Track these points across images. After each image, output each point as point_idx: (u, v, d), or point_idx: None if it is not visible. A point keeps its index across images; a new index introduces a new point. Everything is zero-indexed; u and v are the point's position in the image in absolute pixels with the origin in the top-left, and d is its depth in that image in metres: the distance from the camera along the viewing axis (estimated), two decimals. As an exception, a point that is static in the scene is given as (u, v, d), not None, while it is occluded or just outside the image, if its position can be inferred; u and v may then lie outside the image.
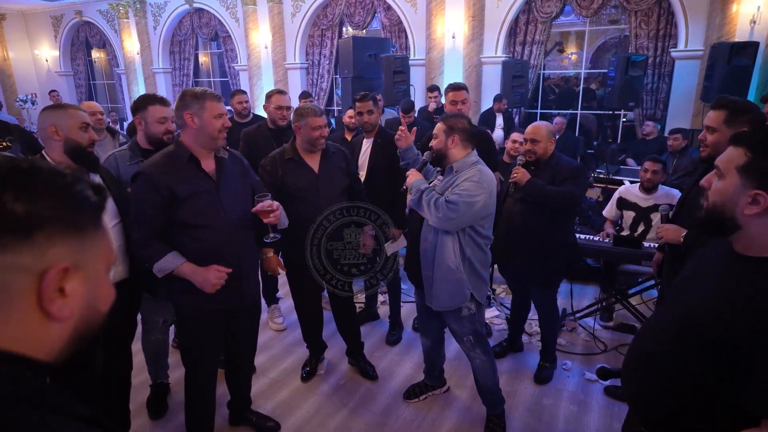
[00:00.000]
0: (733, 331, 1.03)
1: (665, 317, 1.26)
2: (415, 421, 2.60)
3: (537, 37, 7.29)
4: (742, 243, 1.10)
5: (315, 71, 9.25)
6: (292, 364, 3.13)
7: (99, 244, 0.59)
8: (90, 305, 0.58)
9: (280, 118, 3.36)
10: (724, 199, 1.08)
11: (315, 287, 2.88)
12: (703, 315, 1.11)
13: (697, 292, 1.17)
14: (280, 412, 2.66)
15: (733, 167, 1.06)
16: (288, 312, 3.66)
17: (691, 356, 1.12)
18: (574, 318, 3.53)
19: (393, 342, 3.34)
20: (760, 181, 1.02)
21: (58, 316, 0.54)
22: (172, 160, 1.96)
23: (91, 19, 11.73)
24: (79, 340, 0.58)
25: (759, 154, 1.03)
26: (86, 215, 0.57)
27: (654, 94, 6.74)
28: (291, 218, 2.52)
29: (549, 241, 2.66)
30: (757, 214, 1.03)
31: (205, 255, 1.97)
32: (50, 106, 2.04)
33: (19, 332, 0.52)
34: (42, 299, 0.52)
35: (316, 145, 2.55)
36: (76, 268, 0.55)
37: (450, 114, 2.35)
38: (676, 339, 1.17)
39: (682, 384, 1.15)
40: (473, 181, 2.15)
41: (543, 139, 2.66)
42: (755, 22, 5.71)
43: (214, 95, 1.96)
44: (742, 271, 1.08)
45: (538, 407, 2.70)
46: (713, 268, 1.18)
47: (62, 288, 0.53)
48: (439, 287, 2.28)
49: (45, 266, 0.52)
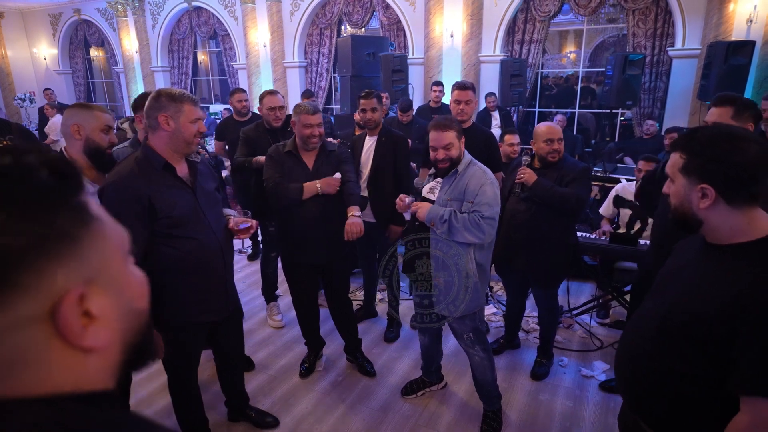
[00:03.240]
0: (714, 318, 1.08)
1: (649, 312, 1.30)
2: (412, 416, 2.62)
3: (535, 35, 7.31)
4: (710, 235, 1.18)
5: (314, 70, 9.26)
6: (290, 360, 3.15)
7: (102, 236, 0.46)
8: (127, 310, 0.48)
9: (274, 119, 3.33)
10: (681, 199, 1.18)
11: (313, 284, 2.91)
12: (685, 306, 1.16)
13: (677, 286, 1.23)
14: (278, 408, 2.68)
15: (677, 170, 1.17)
16: (286, 309, 3.68)
17: (674, 348, 1.18)
18: (570, 315, 3.55)
19: (391, 339, 3.36)
20: (700, 176, 1.12)
21: (98, 346, 0.44)
22: (144, 168, 1.79)
23: (89, 18, 11.72)
24: (133, 348, 0.49)
25: (692, 154, 1.14)
26: (68, 214, 0.43)
27: (652, 93, 6.76)
28: (284, 214, 2.54)
29: (553, 241, 2.67)
30: (711, 205, 1.12)
31: (191, 267, 1.87)
32: (77, 104, 2.08)
33: (66, 380, 0.43)
34: (70, 340, 0.42)
35: (307, 143, 2.56)
36: (92, 283, 0.44)
37: (443, 119, 2.28)
38: (659, 332, 1.22)
39: (668, 375, 1.20)
40: (488, 184, 2.18)
41: (561, 137, 2.69)
42: (752, 21, 5.73)
43: (192, 98, 1.84)
44: (717, 260, 1.15)
45: (535, 403, 2.73)
46: (691, 262, 1.25)
47: (87, 312, 0.43)
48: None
49: (51, 304, 0.41)
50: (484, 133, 3.26)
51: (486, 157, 3.17)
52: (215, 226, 1.97)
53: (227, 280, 2.07)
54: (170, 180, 1.84)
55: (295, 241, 2.67)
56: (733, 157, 1.07)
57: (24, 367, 0.41)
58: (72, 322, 0.42)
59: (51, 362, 0.42)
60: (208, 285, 1.97)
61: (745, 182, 1.08)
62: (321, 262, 2.73)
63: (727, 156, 1.08)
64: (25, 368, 0.41)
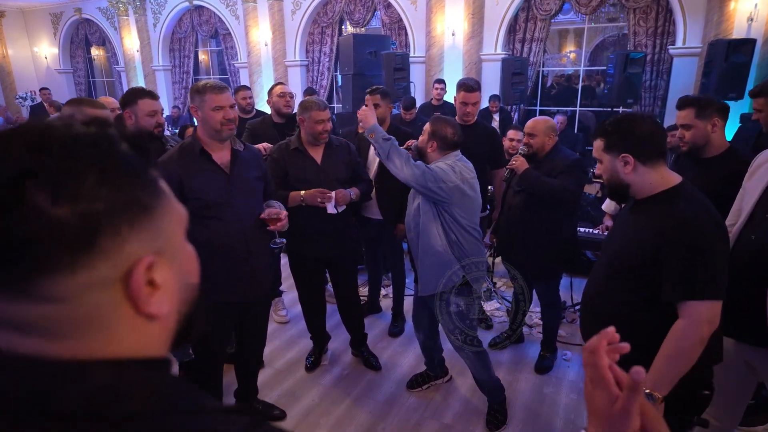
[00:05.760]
0: (644, 250, 1.44)
1: (599, 263, 1.68)
2: (418, 409, 2.64)
3: (536, 34, 7.33)
4: (638, 194, 1.53)
5: (315, 68, 9.28)
6: (296, 354, 3.17)
7: (169, 211, 0.48)
8: (184, 283, 0.51)
9: (285, 105, 3.42)
10: (609, 172, 1.54)
11: (319, 279, 2.93)
12: (622, 248, 1.53)
13: (616, 236, 1.62)
14: (285, 401, 2.70)
15: (601, 151, 1.54)
16: (291, 305, 3.71)
17: (618, 282, 1.53)
18: (574, 310, 3.58)
19: (395, 334, 3.39)
20: (619, 149, 1.49)
21: (160, 314, 0.46)
22: (185, 152, 2.02)
23: (90, 17, 11.72)
24: (184, 321, 0.52)
25: (607, 135, 1.53)
26: (145, 187, 0.45)
27: (652, 91, 6.79)
28: (293, 209, 2.56)
29: (546, 234, 2.70)
30: (632, 170, 1.48)
31: (213, 246, 2.00)
32: (71, 101, 2.08)
33: (130, 344, 0.45)
34: (137, 305, 0.44)
35: (318, 139, 2.60)
36: (159, 254, 0.46)
37: (440, 117, 2.35)
38: (606, 275, 1.58)
39: (615, 305, 1.53)
40: (447, 164, 2.24)
41: (540, 134, 2.71)
42: (752, 19, 5.76)
43: (216, 87, 1.97)
44: (642, 209, 1.53)
45: (539, 396, 2.75)
46: (623, 217, 1.65)
47: (152, 281, 0.45)
48: (428, 271, 2.31)
49: (125, 269, 0.43)
50: (487, 129, 3.28)
51: (489, 153, 3.20)
52: (243, 211, 2.07)
53: (253, 266, 2.13)
54: (206, 165, 2.01)
55: (300, 234, 2.70)
56: (635, 129, 1.48)
57: (96, 328, 0.43)
58: (141, 288, 0.44)
59: (120, 326, 0.44)
60: (231, 266, 2.06)
61: (650, 143, 1.47)
62: (325, 255, 2.76)
63: (632, 129, 1.48)
64: (97, 329, 0.43)
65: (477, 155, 2.71)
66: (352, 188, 2.69)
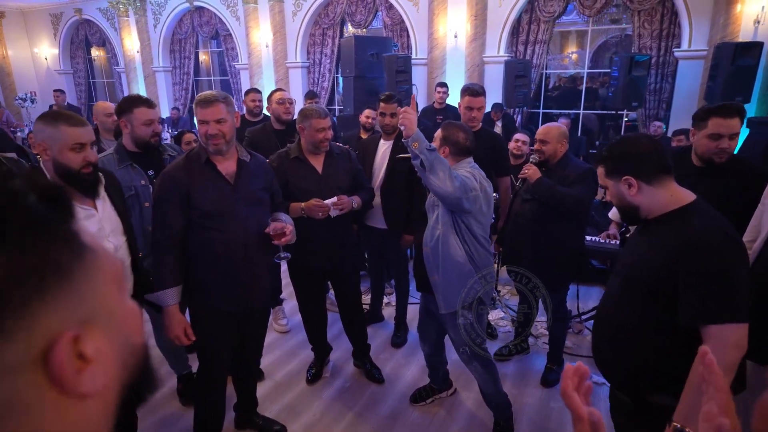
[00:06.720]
0: (659, 270, 1.39)
1: (612, 287, 1.62)
2: (422, 424, 2.58)
3: (540, 36, 7.27)
4: (648, 214, 1.50)
5: (316, 70, 9.22)
6: (297, 366, 3.10)
7: (96, 268, 0.40)
8: (123, 348, 0.43)
9: (285, 112, 3.37)
10: (617, 197, 1.52)
11: (320, 289, 2.87)
12: (636, 269, 1.49)
13: (628, 258, 1.58)
14: (285, 415, 2.64)
15: (605, 178, 1.54)
16: (291, 314, 3.64)
17: (632, 304, 1.48)
18: (580, 320, 3.51)
19: (398, 344, 3.32)
20: (619, 172, 1.48)
21: (94, 391, 0.38)
22: (191, 161, 2.01)
23: (90, 17, 11.68)
24: (129, 383, 0.44)
25: (605, 161, 1.54)
26: (60, 246, 0.37)
27: (657, 94, 6.72)
28: (294, 220, 2.50)
29: (555, 244, 2.64)
30: (637, 191, 1.46)
31: (214, 255, 2.01)
32: (42, 116, 1.76)
33: (63, 428, 0.38)
34: (63, 387, 0.36)
35: (319, 147, 2.56)
36: (88, 322, 0.38)
37: (452, 123, 2.29)
38: (620, 296, 1.54)
39: (628, 330, 1.49)
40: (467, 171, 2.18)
41: (552, 141, 2.65)
42: (759, 22, 5.70)
43: (201, 101, 1.93)
44: (653, 230, 1.49)
45: (546, 410, 2.69)
46: (634, 238, 1.62)
47: (81, 354, 0.37)
48: (450, 285, 2.22)
49: (41, 348, 0.35)
50: (489, 133, 3.22)
51: (492, 157, 3.13)
52: (245, 223, 2.04)
53: (253, 276, 2.10)
54: (211, 174, 2.00)
55: (301, 245, 2.63)
56: (630, 150, 1.48)
57: (14, 419, 0.35)
58: (65, 368, 0.36)
59: (45, 411, 0.36)
60: (229, 275, 2.05)
61: (648, 162, 1.44)
62: (327, 266, 2.70)
63: (627, 151, 1.49)
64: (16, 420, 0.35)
65: (481, 161, 2.65)
66: (354, 196, 2.63)
